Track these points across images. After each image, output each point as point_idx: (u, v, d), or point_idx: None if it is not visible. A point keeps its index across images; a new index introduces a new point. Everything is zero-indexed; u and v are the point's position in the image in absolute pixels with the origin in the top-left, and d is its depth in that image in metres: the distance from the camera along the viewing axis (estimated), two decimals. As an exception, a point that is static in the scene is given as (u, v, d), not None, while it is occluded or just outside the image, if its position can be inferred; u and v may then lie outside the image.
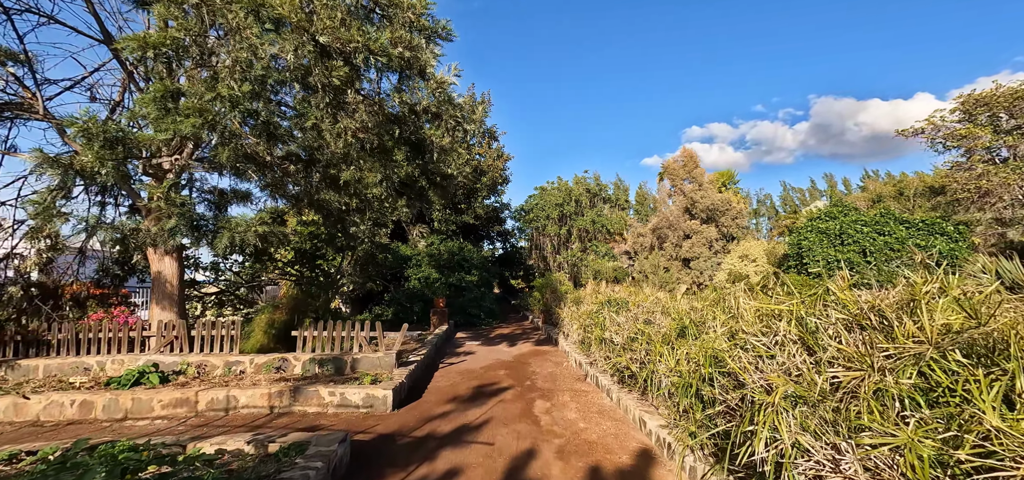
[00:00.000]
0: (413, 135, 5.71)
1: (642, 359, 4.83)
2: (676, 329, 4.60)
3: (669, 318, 5.08)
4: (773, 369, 2.83)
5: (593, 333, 6.65)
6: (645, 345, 4.78)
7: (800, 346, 2.87)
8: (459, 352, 10.51)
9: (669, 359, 4.22)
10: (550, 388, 6.96)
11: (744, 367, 2.99)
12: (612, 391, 5.96)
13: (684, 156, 30.51)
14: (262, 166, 5.90)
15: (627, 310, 6.18)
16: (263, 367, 7.10)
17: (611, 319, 6.01)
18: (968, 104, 14.96)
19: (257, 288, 12.79)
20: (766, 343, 3.02)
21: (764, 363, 2.95)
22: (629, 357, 5.05)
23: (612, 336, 5.68)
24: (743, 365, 3.01)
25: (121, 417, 5.69)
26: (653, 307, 5.74)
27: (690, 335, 4.44)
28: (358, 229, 9.14)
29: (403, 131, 5.59)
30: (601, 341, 6.13)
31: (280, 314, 10.41)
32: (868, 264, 15.64)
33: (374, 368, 7.27)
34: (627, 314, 5.92)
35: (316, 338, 7.58)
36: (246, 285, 12.03)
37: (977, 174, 14.15)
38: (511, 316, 20.71)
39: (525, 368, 8.50)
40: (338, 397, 5.86)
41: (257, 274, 12.02)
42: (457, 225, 22.55)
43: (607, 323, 5.97)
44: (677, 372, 3.92)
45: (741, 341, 3.20)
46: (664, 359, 4.32)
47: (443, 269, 18.02)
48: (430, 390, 6.97)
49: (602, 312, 6.74)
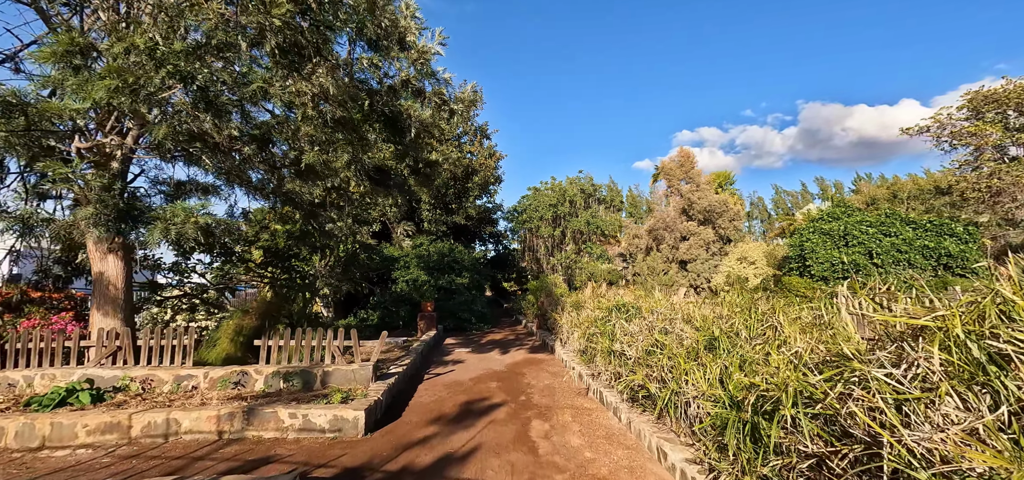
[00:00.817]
0: (387, 108, 4.84)
1: (661, 376, 4.01)
2: (704, 341, 3.81)
3: (692, 327, 4.29)
4: (922, 425, 1.92)
5: (599, 343, 5.81)
6: (667, 360, 3.95)
7: (969, 386, 1.96)
8: (447, 361, 9.64)
9: (698, 378, 3.42)
10: (548, 405, 6.14)
11: (887, 423, 2.06)
12: (621, 411, 5.15)
13: (681, 156, 29.94)
14: (213, 149, 5.01)
15: (640, 317, 5.36)
16: (219, 382, 6.18)
17: (622, 328, 5.16)
18: (976, 101, 14.47)
19: (229, 291, 11.80)
20: (897, 378, 2.12)
21: (919, 414, 2.02)
22: (645, 374, 4.22)
23: (624, 348, 4.84)
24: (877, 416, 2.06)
25: (37, 446, 4.75)
26: (670, 314, 4.93)
27: (722, 348, 3.65)
28: (335, 226, 8.25)
29: (375, 103, 4.72)
30: (609, 353, 5.28)
31: (250, 320, 9.45)
32: (875, 266, 15.06)
33: (347, 382, 6.39)
34: (640, 322, 5.10)
35: (283, 348, 6.67)
36: (216, 287, 11.05)
37: (987, 173, 13.63)
38: (503, 320, 19.86)
39: (519, 380, 7.67)
40: (300, 420, 4.98)
41: (227, 275, 11.05)
42: (447, 225, 21.67)
43: (618, 333, 5.12)
44: (712, 396, 3.11)
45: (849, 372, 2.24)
46: (691, 378, 3.51)
47: (432, 271, 17.13)
48: (412, 408, 6.10)
49: (611, 319, 5.90)
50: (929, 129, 16.15)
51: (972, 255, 13.78)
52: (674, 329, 4.43)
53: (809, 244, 17.06)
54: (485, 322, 16.34)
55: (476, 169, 23.92)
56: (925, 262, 14.50)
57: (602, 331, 5.81)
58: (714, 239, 27.05)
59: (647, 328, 4.88)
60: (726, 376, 3.15)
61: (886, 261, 14.92)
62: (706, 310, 5.11)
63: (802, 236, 17.79)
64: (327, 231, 8.25)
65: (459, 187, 22.58)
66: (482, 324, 16.10)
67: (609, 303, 6.98)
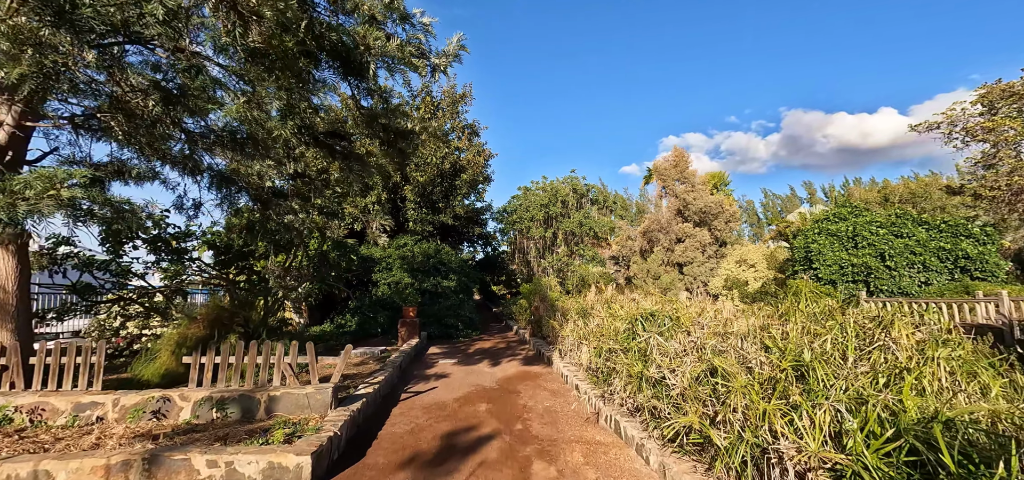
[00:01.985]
0: (334, 34, 3.57)
1: (726, 417, 2.78)
2: (788, 366, 2.65)
3: (754, 345, 3.11)
4: None
5: (619, 362, 4.51)
6: (739, 399, 2.69)
7: None
8: (429, 375, 8.38)
9: (801, 424, 2.24)
10: (551, 437, 4.94)
11: None
12: (648, 450, 3.96)
13: (675, 156, 29.07)
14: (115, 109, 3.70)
15: (679, 330, 4.14)
16: (131, 411, 4.85)
17: (659, 346, 3.88)
18: (992, 95, 13.75)
19: (181, 295, 10.37)
20: None
21: None
22: (700, 412, 2.97)
23: (665, 374, 3.60)
24: None
25: None
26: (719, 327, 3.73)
27: (818, 380, 2.50)
28: (297, 218, 6.95)
29: (315, 28, 3.41)
30: (640, 379, 4.01)
31: (197, 328, 8.06)
32: (888, 269, 14.20)
33: (299, 410, 5.10)
34: (683, 338, 3.88)
35: (220, 366, 5.36)
36: (163, 291, 9.61)
37: (1007, 170, 12.87)
38: (492, 326, 18.64)
39: (513, 400, 6.46)
40: (222, 469, 3.69)
41: (177, 277, 9.63)
42: (434, 225, 20.35)
43: (654, 354, 3.85)
44: (829, 464, 1.95)
45: None
46: (779, 425, 2.35)
47: (416, 273, 15.83)
48: (380, 442, 4.84)
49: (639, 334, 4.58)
50: (940, 125, 15.41)
51: (991, 257, 13.00)
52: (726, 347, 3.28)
53: (816, 246, 16.19)
54: (473, 328, 15.09)
55: (464, 166, 22.67)
56: (941, 265, 13.69)
57: (624, 347, 4.59)
58: (710, 241, 26.18)
59: (692, 347, 3.69)
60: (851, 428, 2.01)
61: (899, 263, 14.07)
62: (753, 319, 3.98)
63: (808, 238, 16.92)
64: (287, 224, 6.94)
65: (447, 185, 21.30)
66: (470, 331, 14.85)
67: (628, 311, 5.73)
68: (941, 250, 13.69)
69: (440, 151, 20.01)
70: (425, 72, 4.00)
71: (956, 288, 12.53)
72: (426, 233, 19.68)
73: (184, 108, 3.79)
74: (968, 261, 13.28)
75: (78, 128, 5.22)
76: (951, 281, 13.39)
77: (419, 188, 19.64)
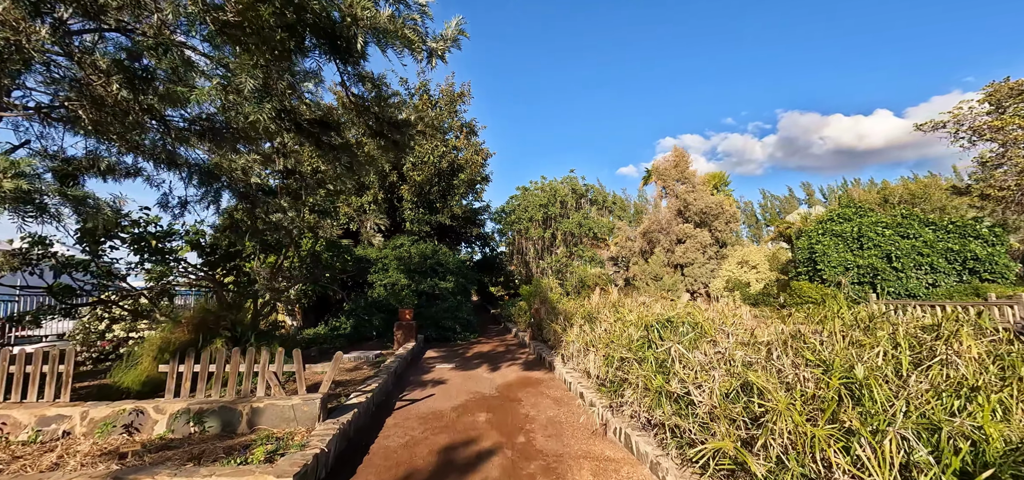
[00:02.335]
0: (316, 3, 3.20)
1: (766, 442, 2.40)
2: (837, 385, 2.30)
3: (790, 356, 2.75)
4: None
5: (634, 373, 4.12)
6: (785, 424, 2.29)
7: None
8: (426, 381, 8.01)
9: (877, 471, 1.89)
10: (557, 452, 4.58)
11: None
12: (664, 468, 3.62)
13: (675, 156, 28.79)
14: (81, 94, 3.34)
15: (703, 339, 3.76)
16: (101, 425, 4.47)
17: (681, 357, 3.47)
18: (999, 93, 13.51)
19: (168, 295, 9.97)
20: None
21: None
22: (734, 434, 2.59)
23: (690, 389, 3.22)
24: None
25: None
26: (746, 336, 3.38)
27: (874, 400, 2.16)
28: (285, 217, 6.58)
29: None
30: (659, 394, 3.63)
31: (181, 333, 7.66)
32: (895, 270, 13.92)
33: (285, 423, 4.73)
34: (709, 348, 3.51)
35: (200, 375, 4.98)
36: (148, 294, 9.22)
37: (1019, 169, 12.61)
38: (491, 328, 18.29)
39: (515, 409, 6.10)
40: (193, 495, 3.32)
41: (162, 279, 9.23)
42: (431, 225, 19.96)
43: (676, 366, 3.45)
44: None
45: None
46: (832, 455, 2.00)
47: (413, 274, 15.46)
48: (372, 458, 4.48)
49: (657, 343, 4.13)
50: (945, 124, 15.16)
51: (1001, 259, 12.74)
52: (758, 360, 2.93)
53: (820, 246, 15.90)
54: (471, 331, 14.73)
55: (462, 165, 22.29)
56: (949, 266, 13.42)
57: (639, 356, 4.22)
58: (711, 242, 25.91)
59: (718, 359, 3.32)
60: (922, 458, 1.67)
61: (906, 265, 13.79)
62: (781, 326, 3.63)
63: (811, 238, 16.64)
64: (275, 223, 6.57)
65: (444, 184, 20.93)
66: (468, 333, 14.49)
67: (638, 315, 5.35)
68: (949, 251, 13.42)
69: (438, 150, 19.63)
70: (421, 55, 3.63)
71: (965, 290, 12.25)
72: (423, 233, 19.31)
73: (153, 92, 3.43)
74: (977, 262, 13.01)
75: (45, 118, 4.84)
76: (959, 283, 13.12)
77: (416, 187, 19.27)
